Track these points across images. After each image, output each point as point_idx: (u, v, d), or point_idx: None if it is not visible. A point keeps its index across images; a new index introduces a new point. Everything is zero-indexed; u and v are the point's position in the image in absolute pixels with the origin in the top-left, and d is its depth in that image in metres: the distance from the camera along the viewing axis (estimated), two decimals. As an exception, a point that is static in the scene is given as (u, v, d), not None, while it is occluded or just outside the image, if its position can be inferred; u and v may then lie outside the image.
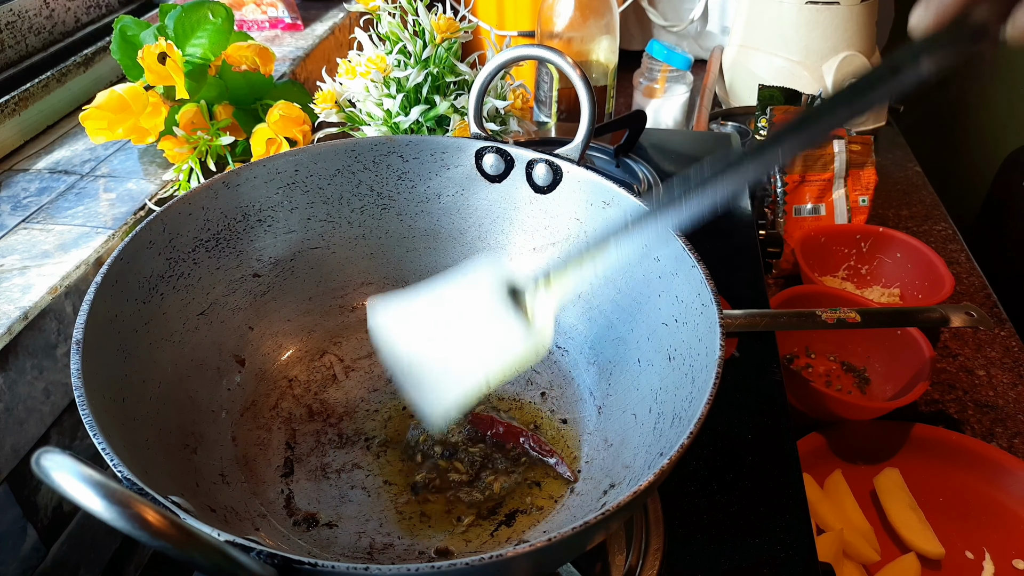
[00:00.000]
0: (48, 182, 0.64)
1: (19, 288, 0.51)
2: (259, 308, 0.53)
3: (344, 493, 0.46)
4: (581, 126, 0.51)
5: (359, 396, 0.52)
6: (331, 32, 0.94)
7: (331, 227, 0.55)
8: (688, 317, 0.43)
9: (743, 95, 1.12)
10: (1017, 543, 0.60)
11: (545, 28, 0.88)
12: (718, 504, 0.50)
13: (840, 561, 0.58)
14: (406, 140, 0.54)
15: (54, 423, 0.51)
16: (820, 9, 1.01)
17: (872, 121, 1.12)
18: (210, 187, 0.49)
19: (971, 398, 0.74)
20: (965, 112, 1.41)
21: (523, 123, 0.71)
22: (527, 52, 0.51)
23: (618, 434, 0.47)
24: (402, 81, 0.65)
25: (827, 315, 0.63)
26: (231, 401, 0.49)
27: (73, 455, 0.25)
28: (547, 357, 0.54)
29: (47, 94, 0.72)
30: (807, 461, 0.63)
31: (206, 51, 0.67)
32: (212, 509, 0.41)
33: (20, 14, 0.74)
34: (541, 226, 0.54)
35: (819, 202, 0.88)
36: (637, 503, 0.33)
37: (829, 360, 0.76)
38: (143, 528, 0.25)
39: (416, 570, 0.28)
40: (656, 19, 1.25)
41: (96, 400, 0.35)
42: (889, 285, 0.84)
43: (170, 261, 0.47)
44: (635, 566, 0.46)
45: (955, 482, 0.64)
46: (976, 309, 0.64)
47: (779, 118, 0.86)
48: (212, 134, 0.65)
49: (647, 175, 0.77)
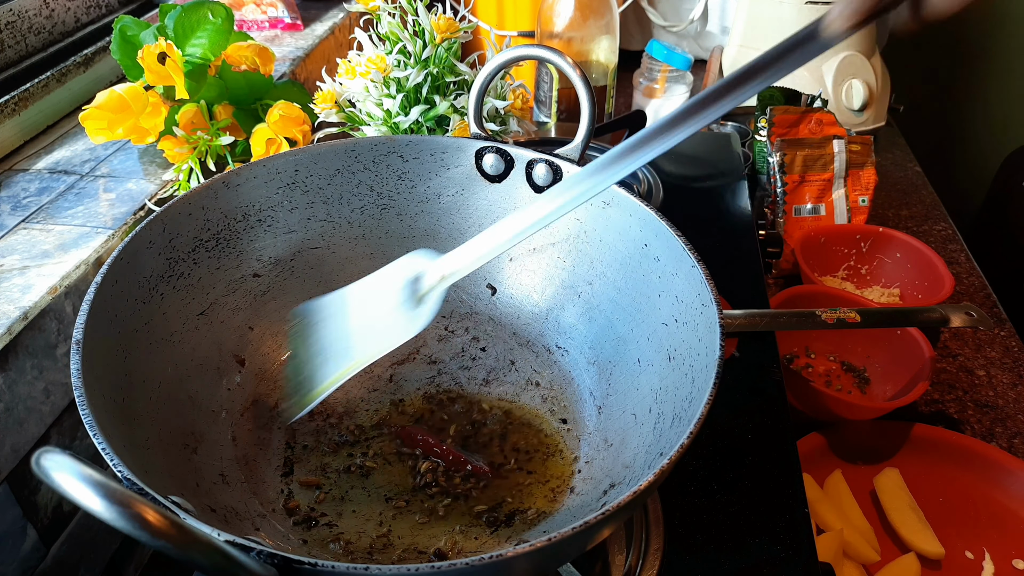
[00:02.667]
0: (48, 182, 0.64)
1: (19, 288, 0.51)
2: (259, 308, 0.53)
3: (344, 493, 0.46)
4: (581, 126, 0.51)
5: (359, 396, 0.52)
6: (331, 32, 0.94)
7: (331, 227, 0.55)
8: (688, 317, 0.43)
9: (743, 95, 1.12)
10: (1017, 543, 0.60)
11: (545, 28, 0.88)
12: (718, 504, 0.50)
13: (840, 561, 0.58)
14: (406, 140, 0.54)
15: (54, 423, 0.51)
16: (820, 9, 1.01)
17: (872, 121, 1.12)
18: (210, 187, 0.49)
19: (971, 398, 0.74)
20: (965, 112, 1.41)
21: (523, 123, 0.71)
22: (527, 52, 0.51)
23: (618, 434, 0.47)
24: (402, 81, 0.65)
25: (827, 315, 0.63)
26: (231, 401, 0.49)
27: (73, 455, 0.25)
28: (547, 357, 0.54)
29: (47, 94, 0.72)
30: (807, 461, 0.63)
31: (206, 51, 0.67)
32: (212, 509, 0.41)
33: (20, 14, 0.74)
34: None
35: (819, 202, 0.88)
36: (637, 503, 0.33)
37: (829, 360, 0.76)
38: (143, 528, 0.25)
39: (416, 570, 0.28)
40: (656, 19, 1.25)
41: (96, 400, 0.35)
42: (889, 285, 0.84)
43: (170, 261, 0.47)
44: (635, 566, 0.46)
45: (955, 482, 0.64)
46: (976, 309, 0.64)
47: (779, 118, 0.86)
48: (212, 134, 0.65)
49: (647, 175, 0.77)
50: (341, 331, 0.46)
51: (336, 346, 0.46)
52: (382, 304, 0.45)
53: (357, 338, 0.45)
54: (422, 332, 0.56)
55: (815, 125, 0.87)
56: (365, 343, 0.45)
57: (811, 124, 0.87)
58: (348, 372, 0.45)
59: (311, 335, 0.47)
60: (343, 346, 0.46)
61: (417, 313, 0.43)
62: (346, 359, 0.45)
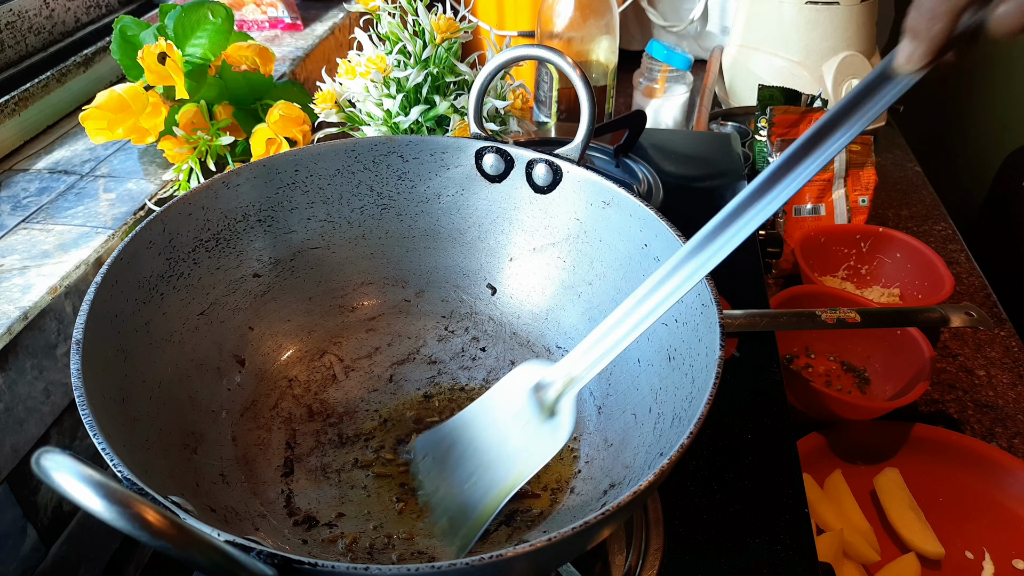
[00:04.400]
0: (48, 182, 0.64)
1: (19, 288, 0.51)
2: (259, 308, 0.53)
3: (344, 493, 0.46)
4: (581, 126, 0.51)
5: (359, 396, 0.52)
6: (331, 32, 0.94)
7: (331, 227, 0.55)
8: (688, 317, 0.43)
9: (743, 95, 1.12)
10: (1017, 543, 0.60)
11: (545, 28, 0.88)
12: (718, 504, 0.50)
13: (840, 561, 0.58)
14: (406, 140, 0.54)
15: (54, 423, 0.51)
16: (820, 9, 1.01)
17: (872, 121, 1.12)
18: (210, 187, 0.49)
19: (971, 398, 0.74)
20: (965, 112, 1.41)
21: (523, 123, 0.71)
22: (527, 52, 0.51)
23: (618, 434, 0.47)
24: (402, 81, 0.65)
25: (827, 315, 0.62)
26: (231, 401, 0.49)
27: (73, 455, 0.25)
28: (547, 357, 0.54)
29: (47, 94, 0.72)
30: (807, 461, 0.63)
31: (206, 51, 0.67)
32: (212, 509, 0.41)
33: (20, 14, 0.74)
34: (541, 226, 0.54)
35: (819, 202, 0.88)
36: (637, 503, 0.33)
37: (829, 360, 0.76)
38: (143, 528, 0.25)
39: (416, 570, 0.28)
40: (656, 19, 1.25)
41: (96, 400, 0.35)
42: (889, 285, 0.84)
43: (170, 261, 0.47)
44: (635, 566, 0.46)
45: (955, 482, 0.64)
46: (976, 309, 0.64)
47: (779, 118, 0.86)
48: (212, 134, 0.65)
49: (647, 175, 0.77)
50: (477, 456, 0.43)
51: (481, 473, 0.43)
52: (511, 422, 0.42)
53: (497, 460, 0.42)
54: (422, 332, 0.57)
55: (815, 125, 0.86)
56: (509, 464, 0.42)
57: (811, 124, 0.87)
58: (503, 497, 0.41)
59: (446, 464, 0.44)
60: (488, 471, 0.43)
61: (555, 424, 0.41)
62: (494, 485, 0.42)
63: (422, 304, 0.58)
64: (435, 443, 0.46)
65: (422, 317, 0.57)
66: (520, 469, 0.41)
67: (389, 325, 0.57)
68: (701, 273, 0.36)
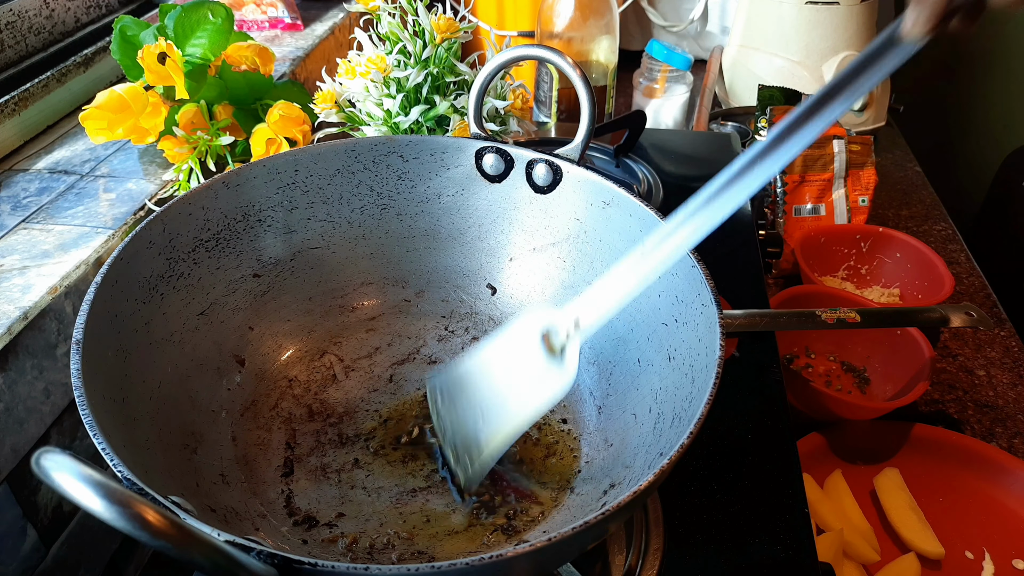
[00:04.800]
0: (48, 182, 0.64)
1: (19, 288, 0.51)
2: (259, 308, 0.53)
3: (344, 493, 0.46)
4: (581, 126, 0.51)
5: (359, 396, 0.52)
6: (331, 32, 0.94)
7: (331, 227, 0.55)
8: (688, 317, 0.43)
9: (743, 95, 1.12)
10: (1017, 543, 0.60)
11: (545, 28, 0.88)
12: (718, 504, 0.50)
13: (840, 561, 0.58)
14: (406, 140, 0.54)
15: (54, 423, 0.51)
16: (820, 9, 1.01)
17: (872, 121, 1.12)
18: (210, 187, 0.49)
19: (971, 398, 0.74)
20: (965, 112, 1.41)
21: (523, 123, 0.71)
22: (527, 52, 0.51)
23: (618, 434, 0.47)
24: (402, 81, 0.65)
25: (827, 315, 0.62)
26: (231, 401, 0.49)
27: (73, 455, 0.25)
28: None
29: (47, 94, 0.72)
30: (807, 461, 0.63)
31: (206, 51, 0.67)
32: (212, 509, 0.41)
33: (20, 14, 0.74)
34: (541, 226, 0.54)
35: (819, 202, 0.88)
36: (637, 503, 0.33)
37: (829, 360, 0.76)
38: (143, 528, 0.25)
39: (416, 570, 0.28)
40: (656, 19, 1.25)
41: (96, 400, 0.35)
42: (889, 285, 0.84)
43: (170, 261, 0.47)
44: (635, 566, 0.46)
45: (955, 482, 0.64)
46: (976, 309, 0.64)
47: (779, 118, 0.86)
48: (212, 134, 0.65)
49: (647, 175, 0.77)
50: (489, 394, 0.45)
51: (490, 409, 0.44)
52: (522, 364, 0.43)
53: (508, 399, 0.44)
54: (422, 332, 0.57)
55: (815, 125, 0.86)
56: (519, 404, 0.43)
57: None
58: (513, 433, 0.43)
59: (458, 401, 0.46)
60: (497, 408, 0.44)
61: (561, 368, 0.42)
62: (504, 420, 0.43)
63: (422, 304, 0.58)
64: (448, 382, 0.47)
65: (422, 317, 0.57)
66: (528, 409, 0.43)
67: (389, 325, 0.57)
68: (711, 225, 0.37)
